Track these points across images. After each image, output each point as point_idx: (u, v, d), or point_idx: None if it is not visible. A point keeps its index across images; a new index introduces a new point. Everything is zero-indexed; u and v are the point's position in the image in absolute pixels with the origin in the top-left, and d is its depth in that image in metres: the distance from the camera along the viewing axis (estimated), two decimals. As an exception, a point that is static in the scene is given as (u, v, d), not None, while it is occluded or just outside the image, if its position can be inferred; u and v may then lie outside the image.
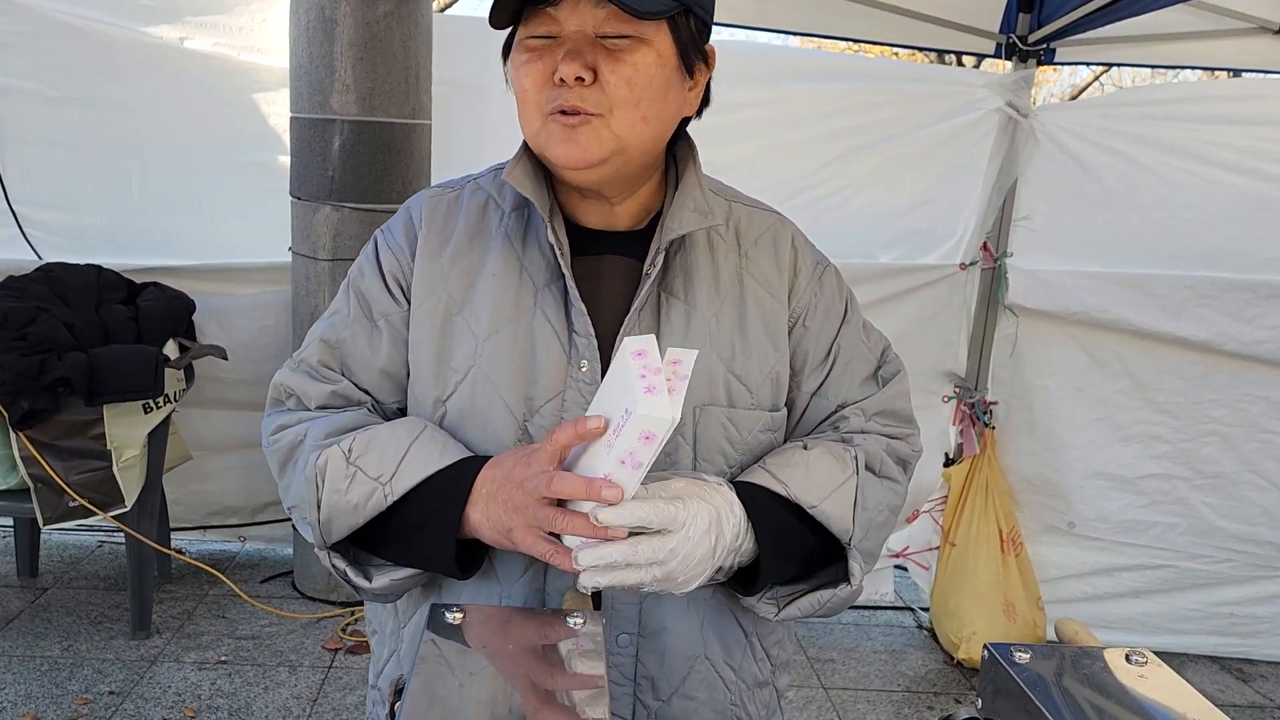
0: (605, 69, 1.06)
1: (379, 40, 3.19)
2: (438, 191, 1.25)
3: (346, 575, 1.13)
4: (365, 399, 1.21)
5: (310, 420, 1.18)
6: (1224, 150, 3.33)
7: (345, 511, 1.10)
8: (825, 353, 1.24)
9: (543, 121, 1.09)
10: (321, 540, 1.12)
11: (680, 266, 1.18)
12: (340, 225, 3.30)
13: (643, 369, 0.94)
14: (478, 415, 1.14)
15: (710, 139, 1.36)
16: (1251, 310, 3.34)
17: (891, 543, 3.78)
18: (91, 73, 3.49)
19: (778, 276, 1.22)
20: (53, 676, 3.04)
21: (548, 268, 1.16)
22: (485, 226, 1.20)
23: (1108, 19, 3.01)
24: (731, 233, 1.23)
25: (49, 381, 2.93)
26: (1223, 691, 3.48)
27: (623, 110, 1.07)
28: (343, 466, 1.10)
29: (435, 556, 1.10)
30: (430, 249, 1.19)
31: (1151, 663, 0.92)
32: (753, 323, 1.19)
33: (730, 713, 1.23)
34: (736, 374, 1.17)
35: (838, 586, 1.14)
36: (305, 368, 1.22)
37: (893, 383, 1.29)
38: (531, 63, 1.08)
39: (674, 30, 1.10)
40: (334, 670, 3.19)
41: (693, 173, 1.20)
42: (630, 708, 1.18)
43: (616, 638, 1.16)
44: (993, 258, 3.51)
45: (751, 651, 1.24)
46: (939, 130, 3.45)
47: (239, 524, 3.90)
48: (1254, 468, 3.48)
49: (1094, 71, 12.55)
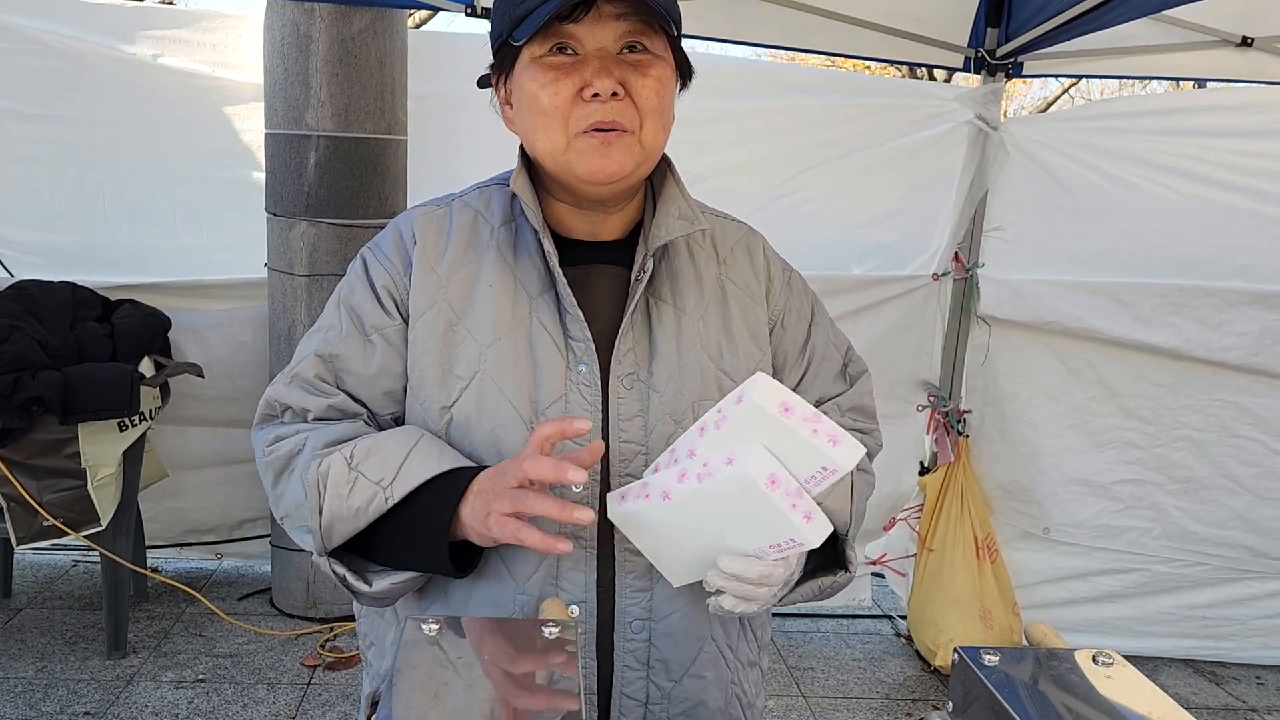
0: (634, 82, 1.12)
1: (354, 56, 3.20)
2: (426, 209, 1.28)
3: (346, 580, 1.15)
4: (361, 411, 1.23)
5: (309, 431, 1.21)
6: (1191, 161, 3.39)
7: (347, 516, 1.12)
8: (800, 350, 1.33)
9: (569, 139, 1.13)
10: (322, 546, 1.14)
11: (667, 273, 1.24)
12: (317, 241, 3.30)
13: (800, 421, 0.99)
14: (485, 418, 1.17)
15: (685, 151, 1.39)
16: (1220, 317, 3.39)
17: (869, 550, 3.80)
18: (64, 90, 3.48)
19: (755, 282, 1.30)
20: (27, 698, 3.01)
21: (539, 278, 1.21)
22: (477, 240, 1.24)
23: (1073, 33, 3.05)
24: (709, 242, 1.30)
25: (22, 400, 2.91)
26: (1196, 694, 3.52)
27: (650, 121, 1.14)
28: (345, 472, 1.13)
29: (429, 556, 1.13)
30: (427, 263, 1.22)
31: (1118, 663, 0.93)
32: (736, 324, 1.26)
33: (731, 690, 1.29)
34: (725, 371, 1.23)
35: (836, 574, 1.24)
36: (300, 382, 1.24)
37: (860, 380, 1.38)
38: (558, 80, 1.11)
39: (673, 44, 1.16)
40: (313, 687, 3.17)
41: (674, 182, 1.26)
42: (644, 691, 1.22)
43: (631, 624, 1.20)
44: (964, 268, 3.55)
45: (744, 633, 1.31)
46: (910, 143, 3.49)
47: (216, 541, 3.87)
48: (1225, 472, 3.52)
49: (1063, 84, 12.70)
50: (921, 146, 3.49)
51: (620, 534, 1.17)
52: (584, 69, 1.11)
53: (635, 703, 1.22)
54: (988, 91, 3.41)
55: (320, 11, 3.18)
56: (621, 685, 1.21)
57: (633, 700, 1.22)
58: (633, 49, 1.12)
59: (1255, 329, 3.38)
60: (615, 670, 1.20)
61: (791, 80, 3.76)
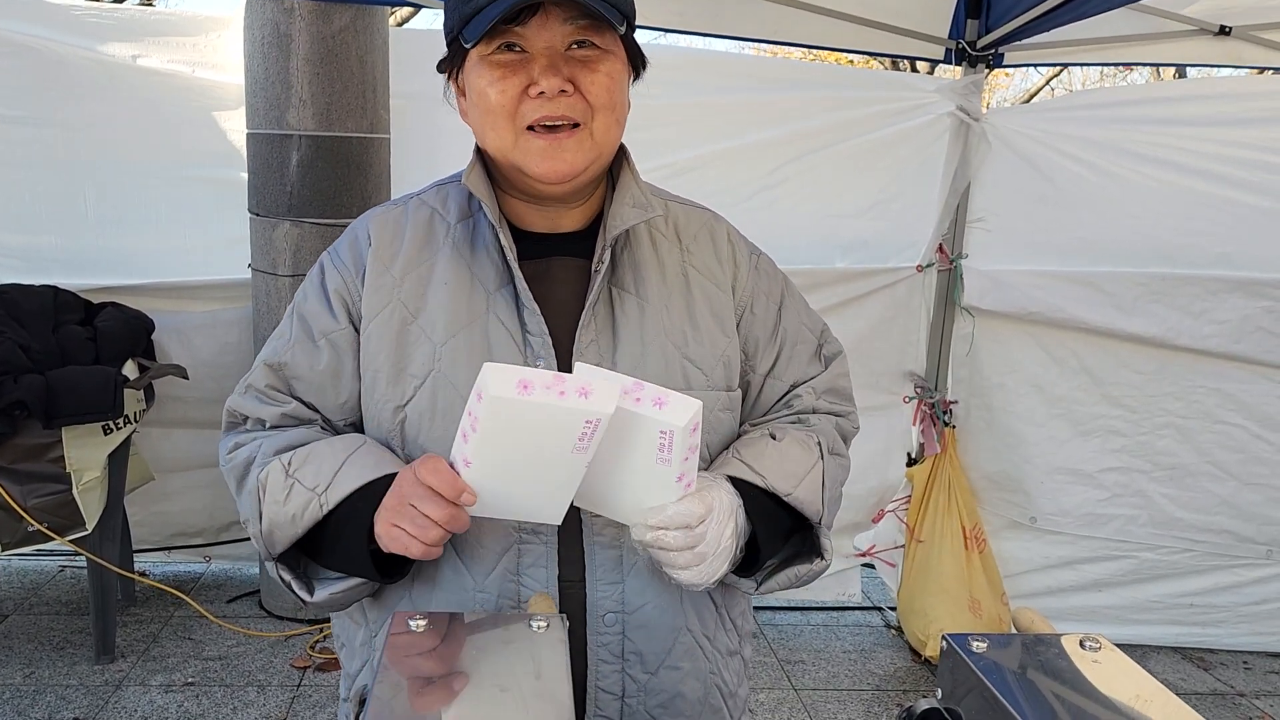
0: (583, 79, 1.12)
1: (335, 55, 3.19)
2: (383, 210, 1.29)
3: (291, 587, 1.18)
4: (315, 417, 1.24)
5: (264, 437, 1.22)
6: (1171, 150, 3.41)
7: (284, 522, 1.14)
8: (771, 334, 1.31)
9: (516, 136, 1.13)
10: (266, 552, 1.17)
11: (628, 262, 1.24)
12: (300, 241, 3.29)
13: (623, 396, 1.01)
14: (439, 417, 1.17)
15: (665, 145, 1.39)
16: (1201, 305, 3.42)
17: (858, 542, 3.81)
18: (44, 92, 3.45)
19: (719, 269, 1.29)
20: (15, 704, 2.99)
21: (497, 273, 1.20)
22: (432, 238, 1.24)
23: (1053, 23, 3.07)
24: (671, 229, 1.29)
25: (5, 405, 2.89)
26: (1185, 680, 3.54)
27: (602, 115, 1.14)
28: (282, 479, 1.14)
29: (354, 563, 1.14)
30: (381, 264, 1.22)
31: (1105, 648, 0.94)
32: (700, 311, 1.25)
33: (710, 680, 1.28)
34: (690, 359, 1.22)
35: (812, 561, 1.24)
36: (254, 392, 1.25)
37: (835, 362, 1.37)
38: (505, 78, 1.12)
39: (624, 39, 1.17)
40: (303, 688, 3.16)
41: (628, 171, 1.25)
42: (620, 684, 1.22)
43: (603, 617, 1.20)
44: (949, 260, 3.56)
45: (722, 622, 1.30)
46: (892, 135, 3.50)
47: (203, 544, 3.86)
48: (1210, 458, 3.55)
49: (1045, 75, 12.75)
50: (904, 139, 3.50)
51: (588, 527, 1.18)
52: (531, 67, 1.11)
53: (611, 696, 1.22)
54: (969, 83, 3.42)
55: (300, 10, 3.16)
56: (596, 679, 1.21)
57: (608, 694, 1.21)
58: (581, 45, 1.13)
59: (1236, 316, 3.40)
60: (589, 664, 1.20)
61: (773, 73, 3.76)
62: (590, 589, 1.19)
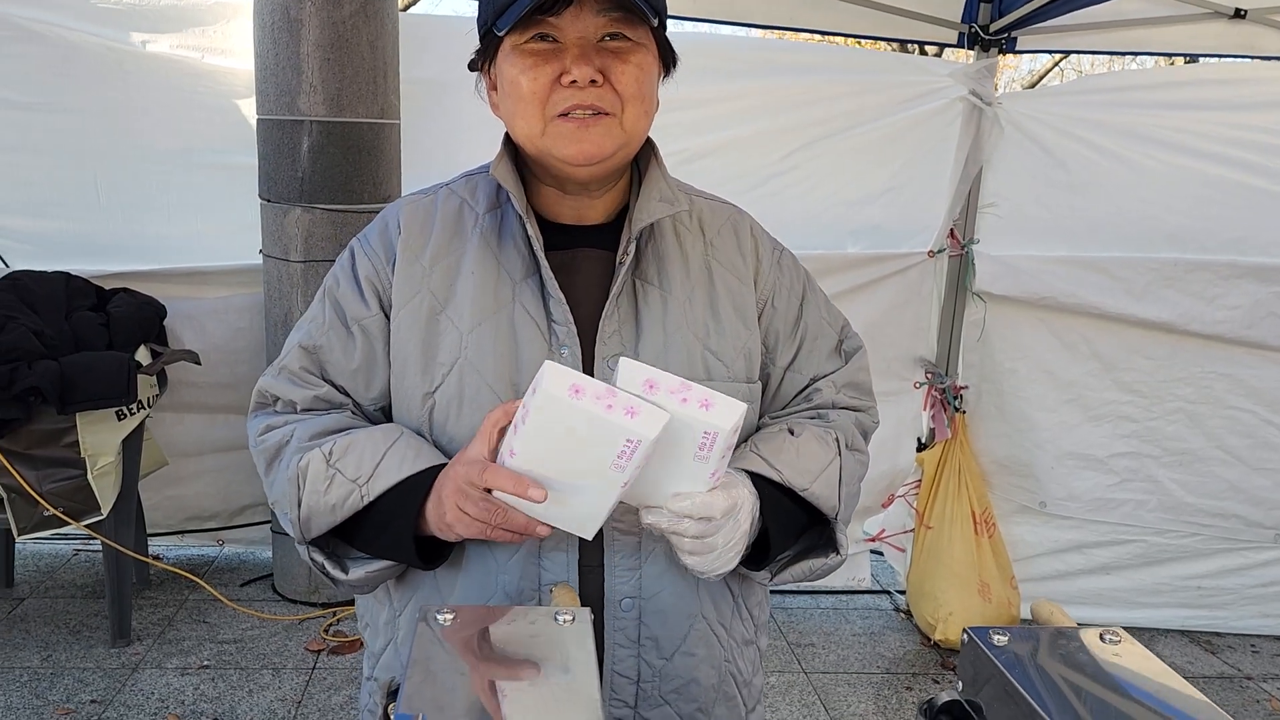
0: (614, 70, 1.13)
1: (346, 40, 3.18)
2: (414, 199, 1.30)
3: (324, 568, 1.20)
4: (346, 401, 1.25)
5: (297, 421, 1.23)
6: (1184, 135, 3.40)
7: (323, 511, 1.16)
8: (792, 329, 1.32)
9: (546, 123, 1.14)
10: (301, 535, 1.19)
11: (653, 255, 1.25)
12: (311, 227, 3.29)
13: (649, 392, 1.03)
14: (466, 404, 1.18)
15: (678, 131, 1.40)
16: (1213, 291, 3.41)
17: (868, 526, 3.82)
18: (54, 78, 3.45)
19: (742, 263, 1.30)
20: (33, 687, 3.03)
21: (523, 263, 1.22)
22: (461, 228, 1.25)
23: (1066, 8, 3.06)
24: (695, 223, 1.30)
25: (19, 391, 2.91)
26: (1192, 663, 3.56)
27: (631, 107, 1.15)
28: (323, 469, 1.16)
29: (399, 551, 1.17)
30: (411, 253, 1.23)
31: (1125, 640, 0.95)
32: (723, 304, 1.26)
33: (724, 668, 1.30)
34: (712, 350, 1.24)
35: (827, 556, 1.25)
36: (287, 374, 1.26)
37: (856, 357, 1.38)
38: (537, 66, 1.13)
39: (656, 33, 1.17)
40: (318, 671, 3.19)
41: (656, 165, 1.26)
42: (635, 669, 1.24)
43: (620, 602, 1.22)
44: (960, 245, 3.56)
45: (738, 611, 1.32)
46: (904, 119, 3.48)
47: (217, 528, 3.88)
48: (1220, 444, 3.55)
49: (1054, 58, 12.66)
50: (916, 123, 3.49)
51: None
52: (564, 56, 1.12)
53: (627, 680, 1.24)
54: (981, 67, 3.41)
55: (310, -5, 3.15)
56: (612, 663, 1.23)
57: (624, 678, 1.23)
58: (614, 37, 1.14)
59: (1248, 302, 3.40)
60: (606, 648, 1.22)
61: (784, 58, 3.74)
62: (608, 574, 1.21)
